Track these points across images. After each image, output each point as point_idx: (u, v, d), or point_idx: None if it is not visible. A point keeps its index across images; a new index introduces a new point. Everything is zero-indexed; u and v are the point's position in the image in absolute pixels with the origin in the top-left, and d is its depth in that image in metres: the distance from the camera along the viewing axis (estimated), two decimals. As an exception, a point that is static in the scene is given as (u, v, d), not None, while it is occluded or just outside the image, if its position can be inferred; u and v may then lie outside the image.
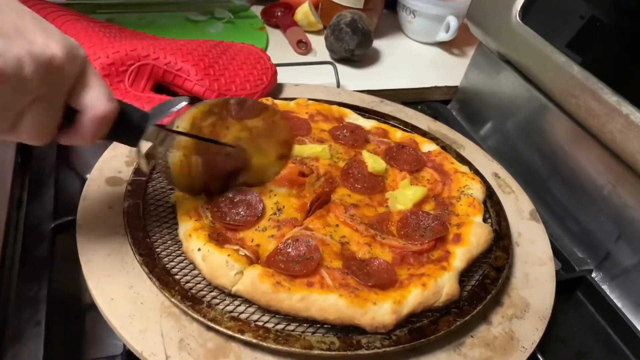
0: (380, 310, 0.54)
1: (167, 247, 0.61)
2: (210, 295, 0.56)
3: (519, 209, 0.80)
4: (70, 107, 0.47)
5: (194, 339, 0.53)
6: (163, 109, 0.55)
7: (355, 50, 1.09)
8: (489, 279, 0.64)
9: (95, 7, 1.11)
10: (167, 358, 0.51)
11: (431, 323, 0.57)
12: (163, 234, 0.63)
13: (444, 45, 1.31)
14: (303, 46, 1.16)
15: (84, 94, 0.46)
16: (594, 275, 0.78)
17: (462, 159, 0.84)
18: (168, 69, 0.83)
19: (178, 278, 0.57)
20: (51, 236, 0.66)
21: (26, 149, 0.80)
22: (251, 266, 0.57)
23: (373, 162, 0.75)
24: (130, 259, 0.60)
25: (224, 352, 0.53)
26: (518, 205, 0.81)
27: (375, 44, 1.19)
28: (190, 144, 0.60)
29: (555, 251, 0.75)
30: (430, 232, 0.65)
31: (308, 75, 1.04)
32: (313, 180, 0.70)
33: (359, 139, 0.82)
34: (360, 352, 0.52)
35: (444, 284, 0.58)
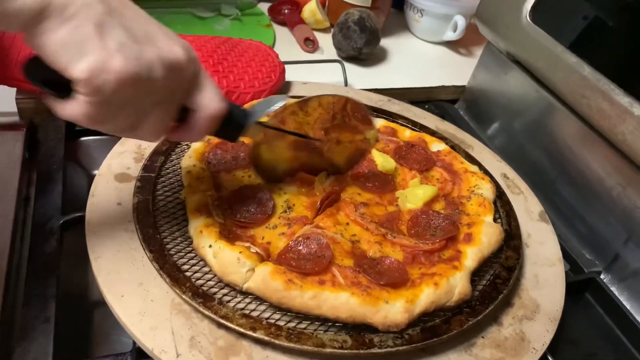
0: (393, 309, 0.54)
1: (178, 244, 0.60)
2: (221, 292, 0.56)
3: (528, 210, 0.79)
4: (184, 106, 0.49)
5: (204, 337, 0.53)
6: (263, 107, 0.59)
7: (363, 49, 1.09)
8: (500, 279, 0.63)
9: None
10: (178, 356, 0.50)
11: (443, 322, 0.56)
12: (173, 230, 0.62)
13: (450, 44, 1.31)
14: (310, 44, 1.15)
15: (199, 94, 0.49)
16: (602, 277, 0.78)
17: (471, 159, 0.84)
18: (177, 65, 0.82)
19: (189, 275, 0.57)
20: (59, 232, 0.65)
21: (33, 145, 0.79)
22: (262, 263, 0.57)
23: (383, 161, 0.75)
24: (139, 256, 0.59)
25: (235, 350, 0.52)
26: (527, 206, 0.80)
27: (382, 42, 1.19)
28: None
29: (563, 252, 0.75)
30: (441, 232, 0.65)
31: (315, 73, 1.03)
32: (323, 178, 0.70)
33: (368, 137, 0.81)
34: (373, 351, 0.52)
35: (456, 283, 0.58)
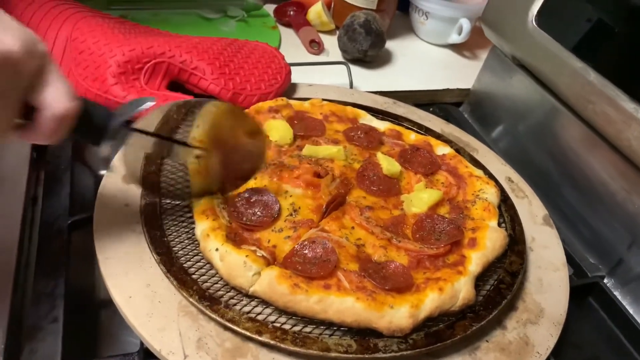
0: (398, 314, 0.54)
1: (184, 246, 0.61)
2: (227, 295, 0.57)
3: (532, 214, 0.80)
4: (29, 105, 0.45)
5: (211, 339, 0.53)
6: (129, 108, 0.54)
7: (368, 51, 1.09)
8: (504, 283, 0.64)
9: (109, 3, 1.11)
10: (186, 357, 0.51)
11: (447, 327, 0.57)
12: (180, 232, 0.63)
13: (455, 47, 1.31)
14: (315, 46, 1.16)
15: (43, 91, 0.44)
16: (606, 281, 0.78)
17: (476, 163, 0.84)
18: (183, 67, 0.83)
19: (195, 277, 0.58)
20: (67, 232, 0.66)
21: (41, 146, 0.80)
22: (268, 267, 0.57)
23: (388, 165, 0.75)
24: (147, 257, 0.60)
25: (242, 353, 0.53)
26: (531, 210, 0.80)
27: (388, 45, 1.19)
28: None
29: (567, 257, 0.75)
30: (445, 236, 0.65)
31: (320, 75, 1.04)
32: (328, 181, 0.70)
33: (373, 140, 0.82)
34: (378, 356, 0.52)
35: (460, 288, 0.58)
